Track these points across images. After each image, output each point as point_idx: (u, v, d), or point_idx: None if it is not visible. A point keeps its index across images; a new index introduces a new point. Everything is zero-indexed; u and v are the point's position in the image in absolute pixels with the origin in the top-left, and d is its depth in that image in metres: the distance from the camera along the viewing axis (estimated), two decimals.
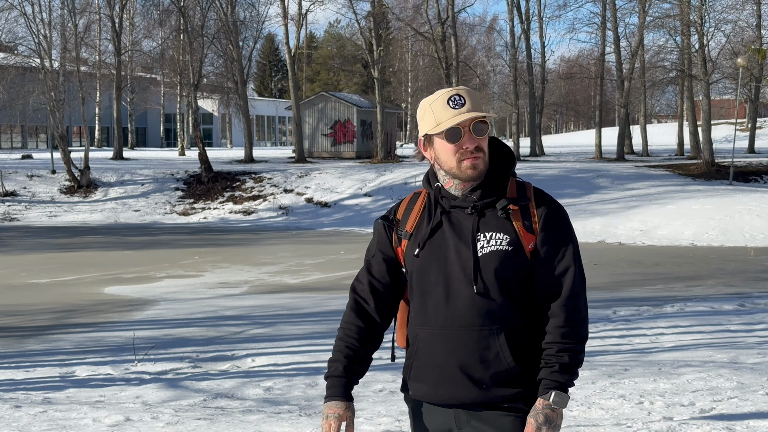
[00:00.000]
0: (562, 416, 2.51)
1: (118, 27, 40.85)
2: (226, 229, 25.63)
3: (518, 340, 2.58)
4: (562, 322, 2.55)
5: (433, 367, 2.62)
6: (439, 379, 2.61)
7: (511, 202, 2.61)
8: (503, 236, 2.58)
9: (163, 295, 13.38)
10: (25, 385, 7.81)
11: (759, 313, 11.15)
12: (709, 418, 5.83)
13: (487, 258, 2.57)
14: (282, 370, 8.31)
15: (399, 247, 2.71)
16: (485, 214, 2.62)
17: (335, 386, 2.67)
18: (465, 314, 2.57)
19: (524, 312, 2.59)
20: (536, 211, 2.62)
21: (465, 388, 2.58)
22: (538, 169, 31.60)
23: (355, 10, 40.65)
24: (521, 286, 2.59)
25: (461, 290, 2.58)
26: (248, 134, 38.70)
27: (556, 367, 2.53)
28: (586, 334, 2.61)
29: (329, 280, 14.95)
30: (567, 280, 2.59)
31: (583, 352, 2.58)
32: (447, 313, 2.59)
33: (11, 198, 29.95)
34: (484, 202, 2.61)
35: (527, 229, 2.59)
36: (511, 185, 2.65)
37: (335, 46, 73.78)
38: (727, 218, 22.50)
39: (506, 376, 2.56)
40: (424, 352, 2.64)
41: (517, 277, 2.58)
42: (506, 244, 2.57)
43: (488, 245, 2.58)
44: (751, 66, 35.83)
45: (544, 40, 48.05)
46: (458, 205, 2.63)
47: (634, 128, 50.83)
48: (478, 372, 2.56)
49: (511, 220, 2.60)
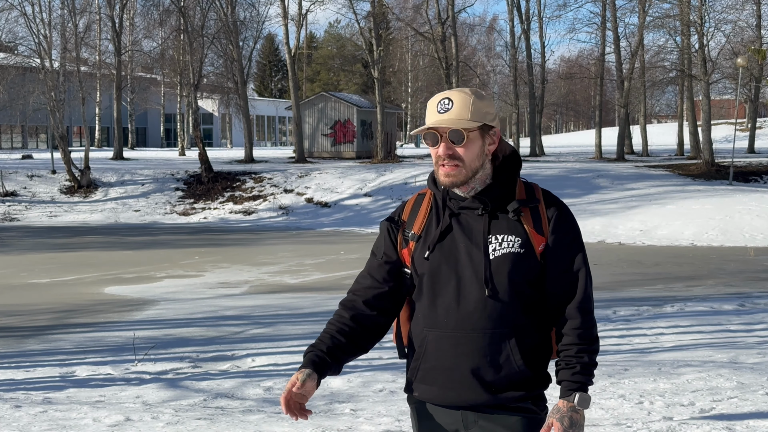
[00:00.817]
0: (584, 417, 2.52)
1: (118, 27, 40.85)
2: (226, 229, 25.63)
3: (528, 342, 2.58)
4: (578, 324, 2.56)
5: (442, 369, 2.61)
6: (448, 382, 2.60)
7: (521, 203, 2.60)
8: (515, 238, 2.58)
9: (163, 295, 13.38)
10: (26, 385, 7.81)
11: (759, 313, 11.15)
12: (709, 418, 5.83)
13: (499, 260, 2.56)
14: (282, 370, 8.31)
15: (405, 249, 2.70)
16: (496, 215, 2.61)
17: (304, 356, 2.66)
18: (477, 317, 2.57)
19: (533, 314, 2.60)
20: (546, 212, 2.61)
21: (475, 391, 2.57)
22: (538, 169, 31.59)
23: (355, 10, 40.68)
24: (531, 288, 2.59)
25: (472, 293, 2.57)
26: (248, 134, 38.71)
27: (577, 368, 2.52)
28: (597, 335, 2.62)
29: (329, 280, 14.95)
30: (580, 282, 2.59)
31: (597, 353, 2.59)
32: (458, 315, 2.58)
33: (11, 198, 29.95)
34: (494, 205, 2.61)
35: (537, 230, 2.59)
36: (519, 187, 2.65)
37: (335, 46, 73.78)
38: (727, 218, 22.50)
39: (516, 378, 2.56)
40: (433, 355, 2.62)
41: (528, 279, 2.58)
42: (518, 247, 2.57)
43: (500, 248, 2.57)
44: (751, 66, 35.84)
45: (544, 40, 48.07)
46: (468, 207, 2.62)
47: (634, 128, 50.84)
48: (489, 375, 2.56)
49: (522, 222, 2.59)
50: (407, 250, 2.69)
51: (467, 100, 2.59)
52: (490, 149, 2.63)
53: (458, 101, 2.59)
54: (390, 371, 7.65)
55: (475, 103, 2.60)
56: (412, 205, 2.74)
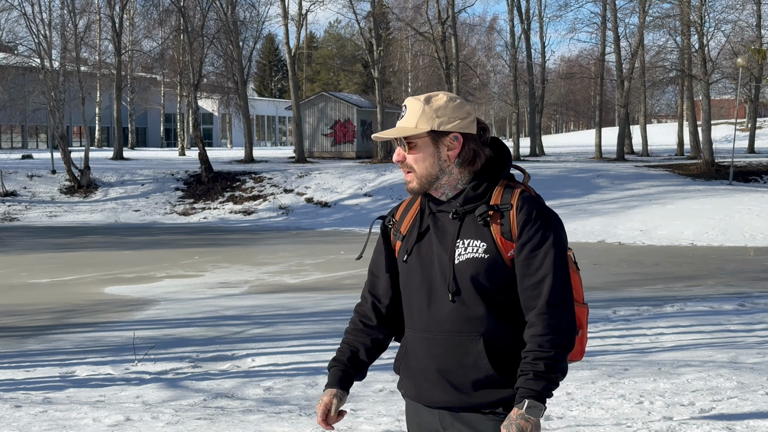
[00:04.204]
0: (538, 426, 2.45)
1: (118, 27, 40.85)
2: (226, 229, 25.63)
3: (500, 346, 2.55)
4: (539, 332, 2.49)
5: (418, 369, 2.65)
6: (423, 382, 2.64)
7: (491, 208, 2.57)
8: (480, 243, 2.55)
9: (163, 295, 13.38)
10: (25, 385, 7.81)
11: (759, 313, 11.15)
12: (709, 417, 5.83)
13: (463, 265, 2.55)
14: (282, 370, 8.31)
15: (395, 246, 2.75)
16: (466, 219, 2.60)
17: (329, 376, 2.76)
18: (445, 320, 2.58)
19: (508, 319, 2.57)
20: (516, 217, 2.55)
21: (446, 392, 2.59)
22: (537, 169, 31.59)
23: (355, 10, 40.69)
24: (502, 293, 2.56)
25: (442, 296, 2.59)
26: (248, 134, 38.71)
27: (530, 375, 2.47)
28: (570, 343, 2.52)
29: (329, 280, 14.95)
30: (545, 288, 2.51)
31: (563, 362, 2.50)
32: (429, 317, 2.61)
33: (11, 198, 29.95)
34: (465, 208, 2.59)
35: (505, 236, 2.55)
36: (498, 190, 2.60)
37: (335, 46, 73.72)
38: (727, 218, 22.51)
39: (486, 382, 2.55)
40: (411, 355, 2.68)
41: (497, 284, 2.55)
42: (482, 252, 2.55)
43: (465, 252, 2.56)
44: (751, 66, 35.85)
45: (544, 40, 48.09)
46: (443, 210, 2.63)
47: (634, 128, 50.83)
48: (458, 377, 2.57)
49: (490, 226, 2.56)
50: (396, 249, 2.75)
51: (417, 107, 2.59)
52: (450, 155, 2.59)
53: (409, 108, 2.60)
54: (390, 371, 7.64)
55: (425, 110, 2.58)
56: (406, 205, 2.77)
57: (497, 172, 2.64)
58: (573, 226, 21.90)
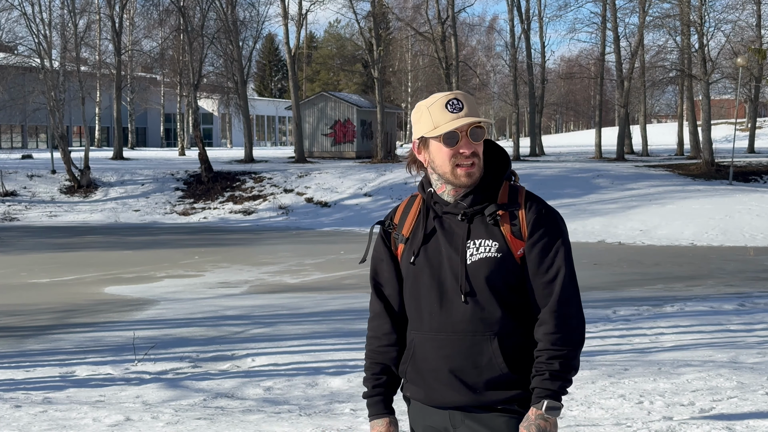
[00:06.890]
0: (556, 425, 2.50)
1: (118, 27, 40.83)
2: (226, 229, 25.63)
3: (513, 345, 2.57)
4: (551, 329, 2.53)
5: (428, 371, 2.64)
6: (434, 384, 2.63)
7: (500, 207, 2.60)
8: (492, 243, 2.58)
9: (163, 295, 13.38)
10: (25, 385, 7.81)
11: (759, 312, 11.15)
12: (709, 417, 5.83)
13: (476, 265, 2.57)
14: (282, 369, 8.31)
15: (396, 250, 2.73)
16: (475, 220, 2.61)
17: (372, 405, 2.73)
18: (458, 320, 2.59)
19: (520, 317, 2.59)
20: (525, 216, 2.59)
21: (459, 392, 2.60)
22: (537, 169, 31.58)
23: (355, 10, 40.67)
24: (514, 292, 2.59)
25: (454, 297, 2.59)
26: (248, 134, 38.72)
27: (546, 375, 2.51)
28: (581, 339, 2.57)
29: (329, 280, 14.95)
30: (556, 286, 2.56)
31: (576, 359, 2.55)
32: (441, 319, 2.61)
33: (11, 198, 29.95)
34: (474, 209, 2.61)
35: (515, 234, 2.58)
36: (503, 190, 2.64)
37: (335, 46, 73.75)
38: (727, 218, 22.51)
39: (500, 380, 2.57)
40: (419, 357, 2.66)
41: (509, 283, 2.58)
42: (495, 251, 2.57)
43: (477, 252, 2.58)
44: (751, 66, 35.85)
45: (544, 40, 48.07)
46: (450, 212, 2.64)
47: (634, 128, 50.83)
48: (472, 377, 2.58)
49: (500, 226, 2.59)
50: (398, 252, 2.73)
51: (471, 99, 2.62)
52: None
53: (465, 100, 2.60)
54: None
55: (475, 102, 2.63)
56: (404, 207, 2.77)
57: (500, 172, 2.66)
58: (573, 226, 21.90)
